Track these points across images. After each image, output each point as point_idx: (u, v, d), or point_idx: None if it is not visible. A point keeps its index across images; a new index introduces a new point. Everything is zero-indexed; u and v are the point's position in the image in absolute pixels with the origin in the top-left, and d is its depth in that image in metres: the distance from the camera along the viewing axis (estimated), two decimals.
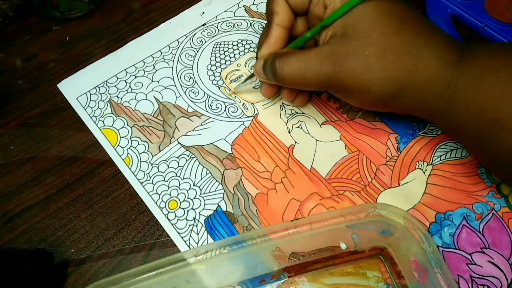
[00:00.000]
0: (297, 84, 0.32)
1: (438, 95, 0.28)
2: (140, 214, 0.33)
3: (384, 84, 0.28)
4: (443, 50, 0.28)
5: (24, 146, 0.36)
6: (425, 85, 0.28)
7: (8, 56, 0.41)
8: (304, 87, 0.32)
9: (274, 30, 0.33)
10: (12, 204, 0.33)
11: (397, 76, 0.28)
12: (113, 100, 0.38)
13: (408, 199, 0.33)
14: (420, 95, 0.29)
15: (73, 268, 0.31)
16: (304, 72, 0.30)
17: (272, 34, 0.33)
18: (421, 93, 0.29)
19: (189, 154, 0.35)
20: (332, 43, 0.30)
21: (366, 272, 0.30)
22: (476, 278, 0.30)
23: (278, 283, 0.30)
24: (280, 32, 0.33)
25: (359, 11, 0.29)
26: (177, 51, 0.41)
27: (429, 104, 0.29)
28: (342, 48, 0.29)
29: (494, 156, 0.28)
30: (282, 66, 0.31)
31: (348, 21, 0.29)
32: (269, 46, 0.33)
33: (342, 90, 0.31)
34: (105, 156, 0.36)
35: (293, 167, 0.34)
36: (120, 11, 0.44)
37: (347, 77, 0.29)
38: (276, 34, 0.33)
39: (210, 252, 0.28)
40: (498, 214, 0.32)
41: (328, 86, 0.31)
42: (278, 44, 0.33)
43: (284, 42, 0.33)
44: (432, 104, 0.29)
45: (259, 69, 0.33)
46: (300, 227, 0.29)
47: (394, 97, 0.29)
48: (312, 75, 0.30)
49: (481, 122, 0.27)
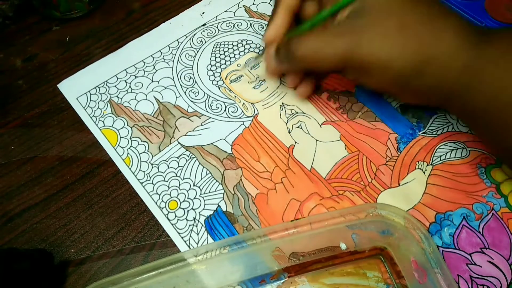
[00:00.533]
0: (313, 62, 0.31)
1: (457, 75, 0.28)
2: (140, 214, 0.33)
3: (403, 60, 0.28)
4: (463, 30, 0.28)
5: (24, 146, 0.36)
6: (445, 63, 0.28)
7: (8, 56, 0.41)
8: (320, 65, 0.31)
9: (281, 11, 0.33)
10: (12, 204, 0.33)
11: (416, 52, 0.27)
12: (113, 100, 0.38)
13: (408, 199, 0.33)
14: (439, 75, 0.28)
15: (73, 268, 0.31)
16: (321, 49, 0.29)
17: (278, 15, 0.33)
18: (440, 72, 0.28)
19: (189, 154, 0.35)
20: (349, 20, 0.29)
21: (366, 272, 0.30)
22: (476, 278, 0.30)
23: (278, 283, 0.30)
24: (286, 14, 0.33)
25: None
26: (177, 51, 0.41)
27: (447, 86, 0.28)
28: (360, 23, 0.28)
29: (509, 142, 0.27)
30: (299, 44, 0.30)
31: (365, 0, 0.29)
32: (276, 27, 0.33)
33: (360, 67, 0.29)
34: (105, 156, 0.36)
35: (293, 167, 0.34)
36: (120, 11, 0.44)
37: (366, 52, 0.28)
38: (283, 15, 0.33)
39: (210, 252, 0.28)
40: (498, 214, 0.32)
41: (345, 63, 0.30)
42: (285, 26, 0.33)
43: (290, 23, 0.33)
44: (451, 85, 0.28)
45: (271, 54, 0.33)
46: (300, 227, 0.29)
47: (413, 76, 0.28)
48: (328, 53, 0.29)
49: (498, 105, 0.26)
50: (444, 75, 0.28)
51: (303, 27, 0.32)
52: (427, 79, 0.28)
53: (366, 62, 0.29)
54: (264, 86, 0.39)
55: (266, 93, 0.38)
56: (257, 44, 0.41)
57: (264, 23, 0.43)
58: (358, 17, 0.28)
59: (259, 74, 0.39)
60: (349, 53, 0.28)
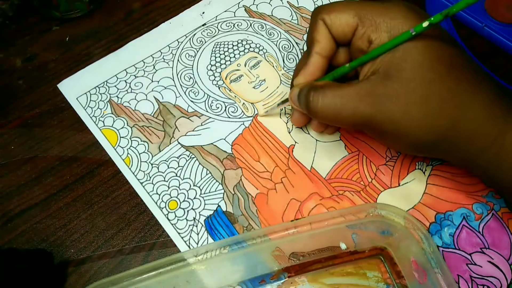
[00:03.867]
0: (330, 120, 0.30)
1: (482, 150, 0.26)
2: (140, 214, 0.33)
3: (422, 133, 0.27)
4: (492, 102, 0.26)
5: (24, 146, 0.36)
6: (468, 138, 0.26)
7: (8, 56, 0.41)
8: (337, 124, 0.31)
9: (313, 58, 0.31)
10: (12, 204, 0.33)
11: (438, 125, 0.26)
12: (113, 100, 0.38)
13: (408, 199, 0.33)
14: (461, 148, 0.27)
15: (73, 268, 0.31)
16: (339, 110, 0.28)
17: (311, 63, 0.31)
18: (463, 146, 0.27)
19: (189, 154, 0.35)
20: (372, 81, 0.27)
21: (366, 272, 0.30)
22: (476, 278, 0.30)
23: (278, 283, 0.30)
24: (320, 61, 0.31)
25: (406, 52, 0.27)
26: (177, 51, 0.41)
27: (471, 158, 0.27)
28: (383, 90, 0.27)
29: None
30: (317, 99, 0.29)
31: (393, 60, 0.27)
32: (307, 74, 0.31)
33: (377, 132, 0.29)
34: (105, 156, 0.36)
35: (293, 167, 0.34)
36: (120, 11, 0.44)
37: (384, 121, 0.27)
38: (315, 63, 0.31)
39: (210, 252, 0.28)
40: (498, 215, 0.32)
41: (362, 127, 0.29)
42: (316, 74, 0.31)
43: (323, 71, 0.31)
44: (475, 158, 0.27)
45: (294, 97, 0.31)
46: (300, 227, 0.29)
47: (431, 146, 0.27)
48: (347, 114, 0.28)
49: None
50: (466, 149, 0.27)
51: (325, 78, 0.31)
52: (447, 150, 0.28)
53: (383, 130, 0.28)
54: (264, 86, 0.39)
55: (266, 93, 0.38)
56: (257, 44, 0.41)
57: (264, 23, 0.43)
58: (383, 82, 0.27)
59: (259, 74, 0.39)
60: (368, 119, 0.27)
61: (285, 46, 0.41)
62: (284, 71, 0.40)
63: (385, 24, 0.28)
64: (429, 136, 0.27)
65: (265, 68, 0.40)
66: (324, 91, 0.29)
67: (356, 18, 0.29)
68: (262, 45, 0.41)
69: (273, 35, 0.42)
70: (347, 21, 0.29)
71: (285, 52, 0.41)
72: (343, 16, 0.29)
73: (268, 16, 0.43)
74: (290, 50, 0.41)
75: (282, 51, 0.41)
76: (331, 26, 0.30)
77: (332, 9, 0.30)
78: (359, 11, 0.29)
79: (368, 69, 0.29)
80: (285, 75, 0.39)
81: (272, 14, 0.43)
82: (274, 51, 0.41)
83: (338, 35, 0.30)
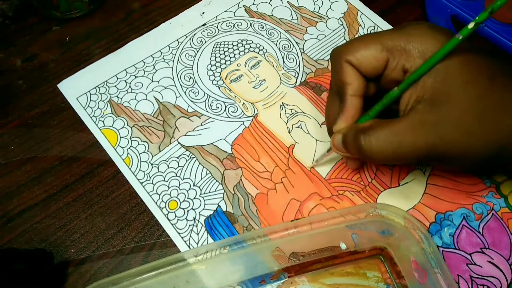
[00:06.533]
0: (389, 160, 0.28)
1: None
2: (140, 214, 0.33)
3: (484, 148, 0.26)
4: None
5: (24, 146, 0.36)
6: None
7: (8, 56, 0.41)
8: (398, 162, 0.30)
9: (349, 101, 0.29)
10: (12, 204, 0.33)
11: (497, 137, 0.26)
12: (113, 100, 0.38)
13: (408, 199, 0.33)
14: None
15: (73, 268, 0.31)
16: (397, 148, 0.27)
17: (348, 106, 0.29)
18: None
19: (189, 154, 0.35)
20: (421, 110, 0.26)
21: (366, 272, 0.30)
22: (476, 278, 0.30)
23: (278, 283, 0.30)
24: (356, 102, 0.29)
25: (446, 74, 0.26)
26: (177, 51, 0.41)
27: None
28: (436, 117, 0.26)
29: None
30: (369, 143, 0.27)
31: (435, 85, 0.26)
32: (348, 118, 0.30)
33: (440, 159, 0.28)
34: (105, 156, 0.36)
35: (293, 167, 0.34)
36: (120, 11, 0.44)
37: (448, 147, 0.26)
38: (353, 105, 0.29)
39: (210, 252, 0.28)
40: (498, 215, 0.32)
41: (427, 159, 0.27)
42: (357, 115, 0.30)
43: (361, 111, 0.30)
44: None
45: (339, 144, 0.30)
46: (300, 227, 0.29)
47: (493, 158, 0.27)
48: (407, 150, 0.26)
49: None
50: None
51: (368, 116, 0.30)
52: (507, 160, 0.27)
53: (449, 155, 0.27)
54: (264, 86, 0.39)
55: (266, 93, 0.38)
56: (257, 44, 0.41)
57: (264, 23, 0.43)
58: (433, 109, 0.26)
59: (259, 74, 0.39)
60: (431, 150, 0.26)
61: (285, 46, 0.41)
62: (284, 71, 0.40)
63: (416, 50, 0.27)
64: (492, 150, 0.26)
65: (265, 68, 0.40)
66: (375, 132, 0.27)
67: (384, 52, 0.28)
68: (262, 45, 0.41)
69: (273, 35, 0.42)
70: (376, 57, 0.28)
71: (285, 52, 0.41)
72: (370, 53, 0.28)
73: (268, 16, 0.43)
74: (290, 50, 0.41)
75: (282, 51, 0.41)
76: (359, 66, 0.29)
77: (357, 48, 0.29)
78: (384, 43, 0.28)
79: (409, 98, 0.28)
80: (285, 75, 0.39)
81: (272, 14, 0.43)
82: (274, 51, 0.41)
83: (368, 72, 0.29)
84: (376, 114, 0.30)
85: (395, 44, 0.28)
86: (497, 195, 0.33)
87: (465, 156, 0.26)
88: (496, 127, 0.26)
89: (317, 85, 0.39)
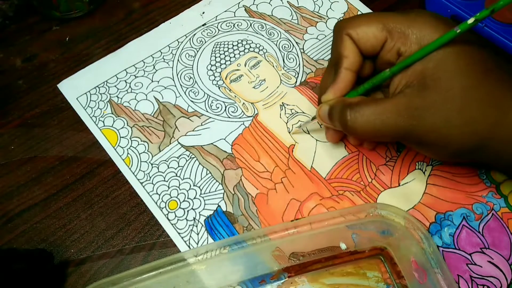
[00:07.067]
0: (369, 137, 0.29)
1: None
2: (140, 214, 0.33)
3: (464, 139, 0.27)
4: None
5: (24, 146, 0.36)
6: (507, 139, 0.26)
7: (8, 56, 0.41)
8: (375, 139, 0.31)
9: (342, 74, 0.30)
10: (12, 204, 0.33)
11: (479, 130, 0.26)
12: (113, 100, 0.38)
13: (408, 199, 0.33)
14: (502, 150, 0.27)
15: (73, 268, 0.31)
16: (379, 126, 0.28)
17: (340, 78, 0.30)
18: (504, 148, 0.27)
19: (189, 154, 0.35)
20: (409, 94, 0.27)
21: (366, 272, 0.30)
22: (476, 278, 0.30)
23: (278, 283, 0.30)
24: (349, 76, 0.30)
25: (440, 61, 0.26)
26: (177, 51, 0.41)
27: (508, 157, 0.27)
28: (421, 101, 0.27)
29: None
30: (354, 118, 0.28)
31: (426, 71, 0.27)
32: (337, 90, 0.31)
33: (418, 143, 0.29)
34: (105, 156, 0.36)
35: (293, 167, 0.34)
36: (120, 11, 0.44)
37: (426, 132, 0.27)
38: (345, 78, 0.30)
39: (210, 252, 0.28)
40: (498, 215, 0.32)
41: (403, 139, 0.29)
42: (347, 89, 0.31)
43: (352, 86, 0.31)
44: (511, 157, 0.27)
45: (324, 115, 0.31)
46: (300, 227, 0.29)
47: (473, 151, 0.27)
48: (387, 130, 0.28)
49: None
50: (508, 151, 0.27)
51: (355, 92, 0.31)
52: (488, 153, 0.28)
53: (426, 140, 0.28)
54: (264, 86, 0.39)
55: (266, 93, 0.38)
56: (257, 44, 0.41)
57: (264, 23, 0.43)
58: (420, 94, 0.27)
59: (259, 74, 0.39)
60: (408, 131, 0.27)
61: (285, 46, 0.41)
62: (284, 71, 0.40)
63: (414, 35, 0.27)
64: (470, 142, 0.27)
65: (265, 68, 0.40)
66: (361, 108, 0.28)
67: (384, 31, 0.28)
68: (262, 45, 0.41)
69: (273, 35, 0.42)
70: (375, 35, 0.29)
71: (285, 52, 0.41)
72: (371, 30, 0.29)
73: (268, 16, 0.43)
74: (290, 50, 0.41)
75: (282, 51, 0.41)
76: (358, 40, 0.29)
77: (358, 23, 0.29)
78: (386, 23, 0.28)
79: (399, 82, 0.28)
80: (285, 75, 0.39)
81: (272, 14, 0.43)
82: (274, 51, 0.41)
83: (366, 49, 0.30)
84: (363, 92, 0.31)
85: (396, 26, 0.28)
86: (497, 195, 0.33)
87: (442, 143, 0.27)
88: (480, 119, 0.26)
89: (317, 85, 0.39)
